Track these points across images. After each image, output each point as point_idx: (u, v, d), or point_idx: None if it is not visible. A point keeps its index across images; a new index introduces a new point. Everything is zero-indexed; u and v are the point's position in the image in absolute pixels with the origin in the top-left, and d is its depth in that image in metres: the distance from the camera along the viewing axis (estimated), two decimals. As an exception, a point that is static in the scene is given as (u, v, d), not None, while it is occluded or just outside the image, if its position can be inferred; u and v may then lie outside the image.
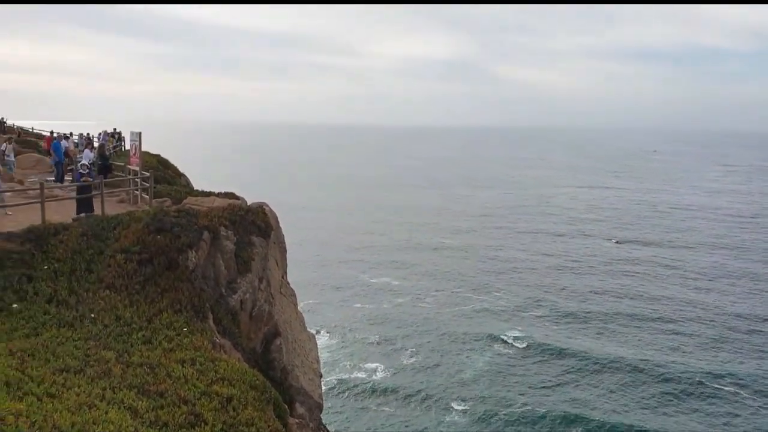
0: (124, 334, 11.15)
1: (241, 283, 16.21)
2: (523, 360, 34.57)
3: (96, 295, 12.40)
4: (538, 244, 63.32)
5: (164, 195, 21.84)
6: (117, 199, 20.90)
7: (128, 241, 14.32)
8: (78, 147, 28.97)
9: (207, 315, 13.34)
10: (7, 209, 16.94)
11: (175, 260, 14.09)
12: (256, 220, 18.58)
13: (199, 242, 15.12)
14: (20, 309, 11.42)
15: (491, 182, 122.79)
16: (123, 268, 13.40)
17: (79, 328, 11.09)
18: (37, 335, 10.55)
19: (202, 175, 59.07)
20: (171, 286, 13.36)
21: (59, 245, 13.82)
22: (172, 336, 11.46)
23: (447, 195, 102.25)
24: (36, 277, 12.55)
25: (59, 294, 12.22)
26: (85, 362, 9.60)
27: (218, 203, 19.82)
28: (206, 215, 16.72)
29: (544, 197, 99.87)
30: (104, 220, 15.79)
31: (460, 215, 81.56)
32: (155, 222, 15.06)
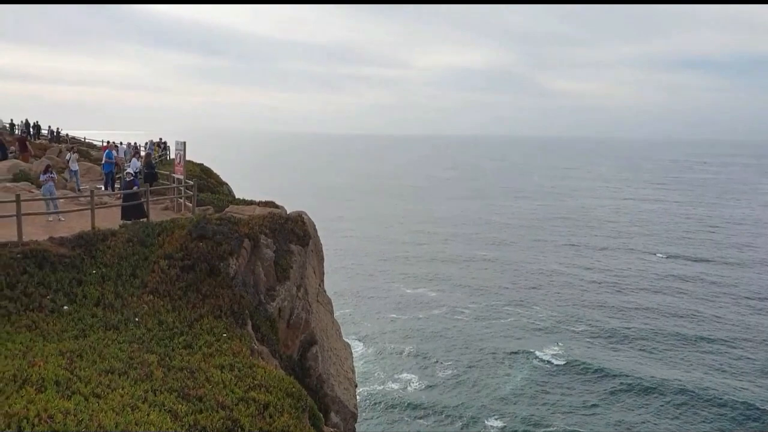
0: (166, 338, 11.47)
1: (279, 291, 16.47)
2: (563, 378, 33.87)
3: (140, 300, 12.80)
4: (580, 258, 62.08)
5: (207, 203, 22.40)
6: (162, 207, 21.53)
7: (172, 247, 14.74)
8: (126, 156, 29.98)
9: (246, 321, 13.60)
10: (60, 215, 17.67)
11: (216, 267, 14.43)
12: (294, 228, 18.87)
13: (239, 250, 15.46)
14: (70, 311, 11.89)
15: (531, 193, 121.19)
16: (166, 273, 13.80)
17: (124, 331, 11.47)
18: (84, 337, 10.96)
19: (243, 183, 60.27)
20: (212, 292, 13.68)
21: (107, 250, 14.33)
22: (211, 341, 11.73)
23: (486, 206, 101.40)
24: (85, 280, 13.05)
25: (106, 297, 12.67)
26: (129, 365, 9.92)
27: (259, 212, 20.22)
28: (247, 223, 17.07)
29: (586, 209, 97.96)
30: (149, 226, 16.30)
31: (498, 227, 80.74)
32: (198, 229, 15.46)
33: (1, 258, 12.74)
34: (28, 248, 13.36)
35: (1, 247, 13.14)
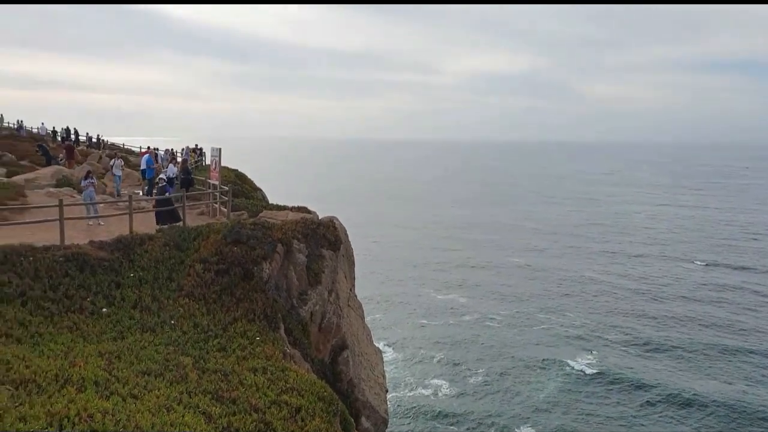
0: (200, 341, 11.69)
1: (311, 295, 16.61)
2: (596, 387, 33.21)
3: (176, 303, 13.07)
4: (614, 265, 60.89)
5: (241, 208, 22.76)
6: (197, 212, 21.95)
7: (207, 251, 15.02)
8: (162, 162, 30.66)
9: (279, 325, 13.76)
10: (100, 219, 18.18)
11: (250, 271, 14.65)
12: (326, 233, 19.02)
13: (273, 254, 15.65)
14: (109, 313, 12.22)
15: (564, 198, 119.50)
16: (201, 277, 14.07)
17: (160, 333, 11.73)
18: (122, 338, 11.25)
19: (276, 189, 60.96)
20: (246, 296, 13.90)
21: (144, 254, 14.69)
22: (245, 344, 11.90)
23: (517, 211, 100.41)
24: (123, 283, 13.39)
25: (143, 300, 12.98)
26: (165, 366, 10.13)
27: (291, 217, 20.45)
28: (280, 228, 17.28)
29: (621, 215, 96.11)
30: (185, 231, 16.64)
31: (530, 232, 79.83)
32: (232, 234, 15.73)
33: (45, 261, 13.18)
34: (70, 251, 13.78)
35: (45, 251, 13.59)
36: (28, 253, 13.32)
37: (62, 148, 36.50)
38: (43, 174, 27.50)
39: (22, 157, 36.82)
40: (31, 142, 45.36)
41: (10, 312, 11.41)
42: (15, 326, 10.95)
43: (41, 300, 12.11)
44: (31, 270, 12.85)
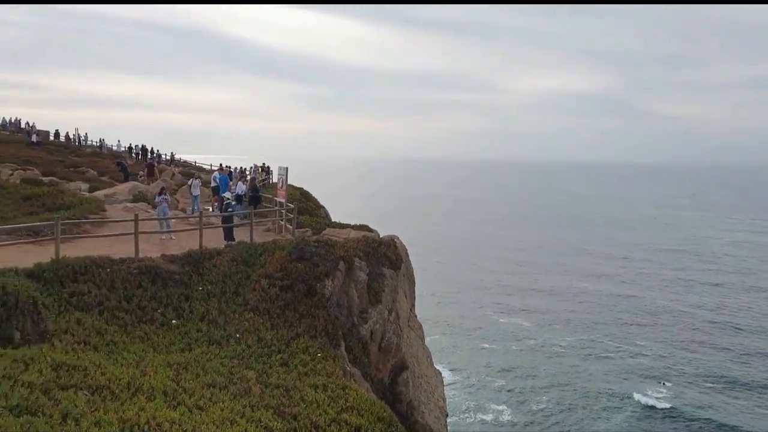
0: (264, 356, 11.90)
1: (371, 314, 16.63)
2: (668, 424, 31.37)
3: (241, 317, 13.40)
4: (690, 294, 57.73)
5: (306, 225, 23.18)
6: (264, 228, 22.52)
7: (272, 267, 15.35)
8: (232, 180, 31.70)
9: (339, 343, 13.84)
10: (172, 234, 18.96)
11: (313, 287, 14.85)
12: (387, 252, 19.07)
13: (335, 271, 15.82)
14: (178, 325, 12.66)
15: (636, 222, 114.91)
16: (266, 292, 14.37)
17: (226, 346, 12.03)
18: (190, 350, 11.60)
19: (339, 207, 61.77)
20: (308, 312, 14.08)
21: (213, 269, 15.17)
22: (307, 360, 12.02)
23: (586, 234, 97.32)
24: (192, 296, 13.86)
25: (210, 313, 13.38)
26: (230, 379, 10.36)
27: (353, 235, 20.64)
28: (342, 246, 17.47)
29: (697, 241, 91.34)
30: (252, 246, 17.09)
31: (599, 257, 77.10)
32: (297, 251, 16.02)
33: (121, 272, 13.83)
34: (144, 264, 14.42)
35: (121, 262, 14.27)
36: (105, 264, 14.03)
37: (144, 165, 38.39)
38: (120, 189, 29.02)
39: (103, 173, 39.06)
40: (111, 159, 48.06)
41: (89, 320, 12.01)
42: (92, 334, 11.51)
43: (116, 310, 12.70)
44: (108, 281, 13.52)
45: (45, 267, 13.19)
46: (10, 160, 35.12)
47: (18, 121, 66.31)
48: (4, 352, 9.36)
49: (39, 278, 12.75)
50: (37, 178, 29.28)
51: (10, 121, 65.86)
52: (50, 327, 11.31)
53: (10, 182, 25.96)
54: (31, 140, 50.26)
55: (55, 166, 37.52)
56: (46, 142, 54.51)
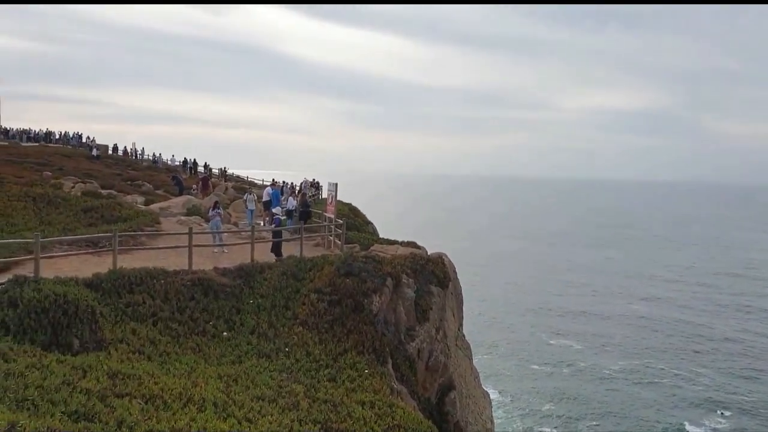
0: (312, 370, 11.90)
1: (419, 332, 16.47)
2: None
3: (291, 331, 13.47)
4: (753, 322, 54.81)
5: (354, 241, 23.27)
6: (313, 243, 22.71)
7: (321, 282, 15.42)
8: (283, 195, 32.20)
9: (387, 359, 13.72)
10: (224, 247, 19.33)
11: (360, 303, 14.82)
12: (435, 269, 18.92)
13: (382, 288, 15.76)
14: (229, 337, 12.82)
15: (691, 243, 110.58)
16: (315, 307, 14.43)
17: (275, 359, 12.09)
18: (240, 363, 11.71)
19: (387, 223, 61.84)
20: (356, 327, 14.04)
21: (263, 282, 15.35)
22: (354, 376, 11.96)
23: (637, 255, 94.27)
24: (243, 309, 14.04)
25: (260, 326, 13.51)
26: (278, 393, 10.38)
27: (401, 251, 20.58)
28: (390, 262, 17.42)
29: (758, 265, 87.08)
30: (302, 261, 17.24)
31: (652, 279, 74.43)
32: (345, 266, 16.06)
33: (174, 284, 14.15)
34: (197, 276, 14.71)
35: (175, 274, 14.60)
36: (160, 276, 14.39)
37: (198, 180, 39.42)
38: (175, 203, 29.87)
39: (158, 186, 40.38)
40: (166, 173, 49.66)
41: (143, 330, 12.30)
42: (146, 344, 11.78)
43: (169, 321, 12.97)
44: (162, 292, 13.84)
45: (103, 277, 13.63)
46: (72, 173, 36.72)
47: (80, 136, 69.47)
48: (64, 359, 9.66)
49: (97, 288, 13.17)
50: (96, 190, 30.46)
51: (72, 136, 69.05)
52: (107, 336, 11.63)
53: (72, 194, 27.08)
54: (92, 154, 52.50)
55: (113, 179, 39.01)
56: (106, 155, 56.83)
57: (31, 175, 32.98)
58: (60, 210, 22.61)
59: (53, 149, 54.01)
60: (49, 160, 41.75)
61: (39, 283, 11.66)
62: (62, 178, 33.54)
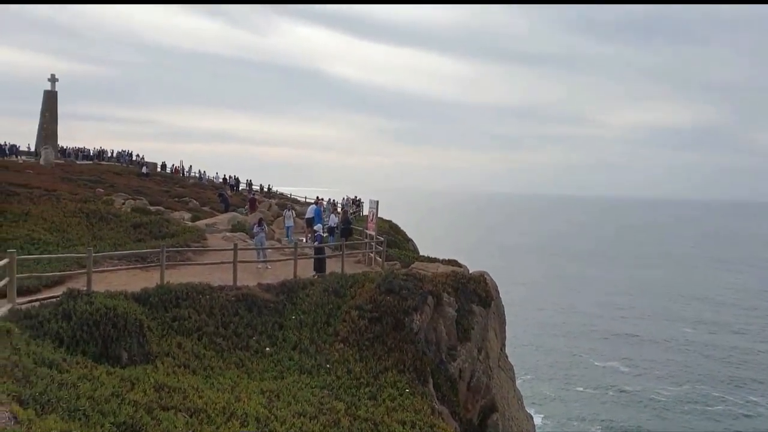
0: (353, 387, 11.88)
1: (460, 351, 16.27)
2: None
3: (332, 347, 13.50)
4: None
5: (395, 258, 23.25)
6: (355, 260, 22.79)
7: (362, 299, 15.44)
8: (325, 212, 32.51)
9: (428, 379, 13.59)
10: (267, 264, 19.60)
11: (401, 321, 14.76)
12: (477, 289, 18.70)
13: (423, 306, 15.67)
14: (271, 353, 12.94)
15: (745, 265, 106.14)
16: (356, 324, 14.44)
17: (316, 376, 12.13)
18: (282, 378, 11.79)
19: (427, 241, 61.61)
20: (396, 346, 13.98)
21: (305, 298, 15.48)
22: (395, 395, 11.88)
23: (687, 276, 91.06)
24: (285, 325, 14.17)
25: (302, 342, 13.59)
26: (319, 410, 10.39)
27: (442, 269, 20.43)
28: (431, 280, 17.32)
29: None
30: (343, 278, 17.31)
31: (706, 302, 71.64)
32: (386, 284, 16.05)
33: (219, 299, 14.40)
34: (241, 292, 14.94)
35: (220, 290, 14.87)
36: (205, 291, 14.68)
37: (248, 200, 40.09)
38: (220, 219, 30.50)
39: (204, 203, 41.34)
40: (212, 190, 50.82)
41: (188, 344, 12.54)
42: (191, 358, 12.00)
43: (214, 335, 13.19)
44: (207, 307, 14.11)
45: (151, 292, 13.98)
46: (123, 190, 37.98)
47: (129, 154, 71.96)
48: (113, 371, 9.92)
49: (145, 302, 13.51)
50: (145, 207, 31.39)
51: (122, 154, 71.60)
52: (154, 349, 11.90)
53: (122, 210, 27.99)
54: (142, 171, 54.25)
55: (161, 196, 40.17)
56: (154, 173, 58.63)
57: (85, 191, 34.25)
58: (111, 226, 23.38)
59: (106, 167, 56.06)
60: (101, 178, 43.33)
61: (91, 297, 12.05)
62: (113, 195, 34.72)
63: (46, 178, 36.17)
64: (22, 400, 7.14)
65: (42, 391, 7.56)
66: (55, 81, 55.80)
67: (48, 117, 56.54)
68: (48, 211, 23.24)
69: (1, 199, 24.13)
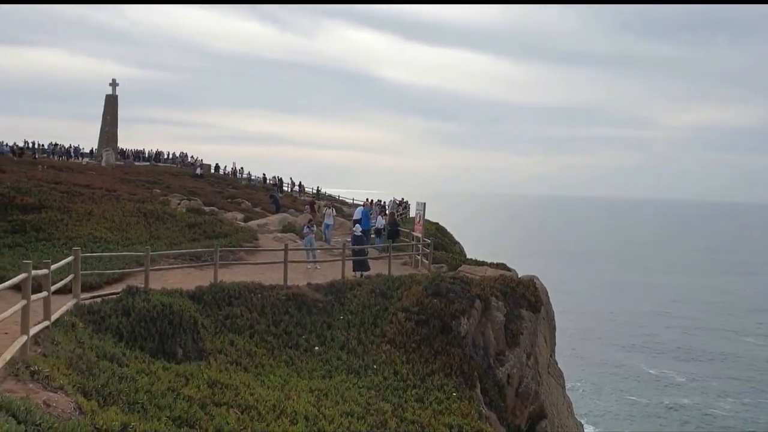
0: (399, 389, 11.93)
1: (509, 356, 16.10)
2: None
3: (379, 348, 13.59)
4: None
5: (441, 261, 23.19)
6: (401, 262, 22.85)
7: (409, 301, 15.47)
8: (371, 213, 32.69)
9: (475, 383, 13.51)
10: (317, 264, 19.89)
11: (448, 324, 14.72)
12: (526, 293, 18.46)
13: (470, 310, 15.58)
14: (320, 352, 13.14)
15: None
16: (403, 326, 14.49)
17: (364, 376, 12.24)
18: (330, 377, 11.96)
19: (474, 243, 61.03)
20: (443, 349, 13.95)
21: (353, 299, 15.64)
22: (441, 398, 11.86)
23: (754, 285, 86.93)
24: (334, 325, 14.36)
25: (350, 343, 13.74)
26: (366, 410, 10.48)
27: (490, 273, 20.25)
28: (479, 284, 17.20)
29: None
30: (390, 279, 17.40)
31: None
32: (433, 286, 16.03)
33: (270, 298, 14.72)
34: (291, 291, 15.23)
35: (271, 289, 15.20)
36: (257, 290, 15.02)
37: (306, 203, 40.69)
38: (271, 220, 31.11)
39: (256, 204, 42.23)
40: (264, 191, 51.86)
41: (240, 342, 12.87)
42: (243, 355, 12.31)
43: (265, 334, 13.49)
44: (259, 305, 14.44)
45: (205, 290, 14.42)
46: (178, 191, 39.23)
47: (185, 156, 74.29)
48: (169, 366, 10.28)
49: (199, 300, 13.94)
50: (200, 207, 32.33)
51: (178, 156, 73.99)
52: (207, 346, 12.27)
53: (178, 211, 28.92)
54: (196, 173, 55.89)
55: (215, 196, 41.26)
56: (208, 174, 60.29)
57: (143, 192, 35.55)
58: (167, 225, 24.20)
59: (162, 168, 58.04)
60: (158, 179, 44.89)
61: (148, 294, 12.54)
62: (170, 196, 35.91)
63: (107, 179, 37.73)
64: (86, 391, 7.51)
65: (104, 383, 7.93)
66: (116, 86, 58.12)
67: (109, 120, 58.94)
68: (109, 211, 24.25)
69: (67, 199, 25.31)
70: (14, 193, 23.71)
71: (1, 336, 8.42)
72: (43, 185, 27.90)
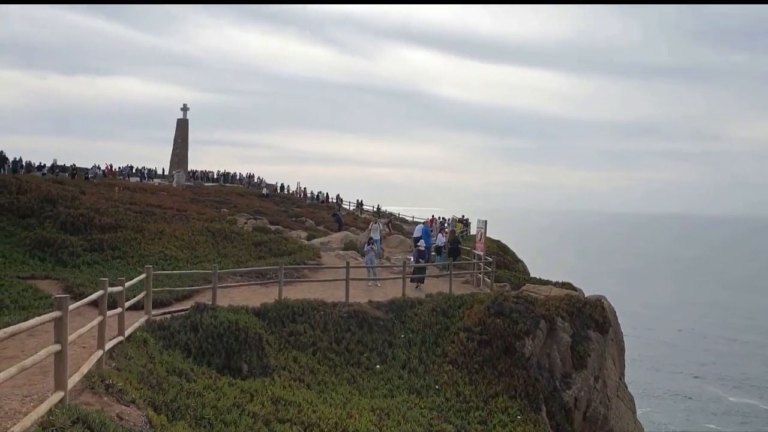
0: (462, 411, 11.72)
1: (576, 379, 15.55)
2: None
3: (440, 368, 13.43)
4: None
5: (504, 279, 22.75)
6: (462, 280, 22.57)
7: (470, 321, 15.24)
8: (432, 231, 32.53)
9: (540, 406, 13.11)
10: (377, 281, 19.94)
11: (512, 345, 14.39)
12: (593, 313, 17.83)
13: (535, 330, 15.18)
14: (381, 370, 13.10)
15: None
16: (465, 346, 14.27)
17: (426, 396, 12.11)
18: (392, 397, 11.89)
19: (537, 262, 59.63)
20: (507, 370, 13.63)
21: (414, 317, 15.55)
22: (506, 421, 11.57)
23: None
24: (395, 343, 14.30)
25: (411, 362, 13.64)
26: (428, 431, 10.35)
27: (555, 293, 19.68)
28: (543, 304, 16.74)
29: None
30: (451, 298, 17.20)
31: None
32: (495, 306, 15.73)
33: (332, 315, 14.84)
34: (352, 309, 15.31)
35: (333, 306, 15.33)
36: (320, 307, 15.19)
37: (386, 222, 41.03)
38: (334, 238, 31.50)
39: (319, 222, 42.92)
40: (327, 210, 52.66)
41: (304, 359, 13.02)
42: (306, 372, 12.43)
43: (327, 351, 13.59)
44: (321, 323, 14.58)
45: (269, 307, 14.69)
46: (245, 210, 40.41)
47: (251, 176, 76.58)
48: (234, 382, 10.51)
49: (264, 317, 14.22)
50: (265, 226, 33.14)
51: (244, 176, 76.35)
52: (271, 362, 12.47)
53: (245, 229, 29.76)
54: (262, 193, 57.44)
55: (280, 215, 42.23)
56: (273, 194, 61.87)
57: (211, 212, 36.82)
58: (234, 244, 24.94)
59: (229, 188, 60.01)
60: (226, 199, 46.42)
61: (215, 311, 12.90)
62: (237, 215, 37.04)
63: (177, 199, 39.34)
64: (156, 405, 7.77)
65: (173, 398, 8.17)
66: (187, 110, 60.79)
67: (180, 143, 61.65)
68: (179, 230, 25.24)
69: (141, 219, 26.53)
70: (93, 213, 25.06)
71: (79, 349, 8.84)
72: (119, 206, 29.36)
